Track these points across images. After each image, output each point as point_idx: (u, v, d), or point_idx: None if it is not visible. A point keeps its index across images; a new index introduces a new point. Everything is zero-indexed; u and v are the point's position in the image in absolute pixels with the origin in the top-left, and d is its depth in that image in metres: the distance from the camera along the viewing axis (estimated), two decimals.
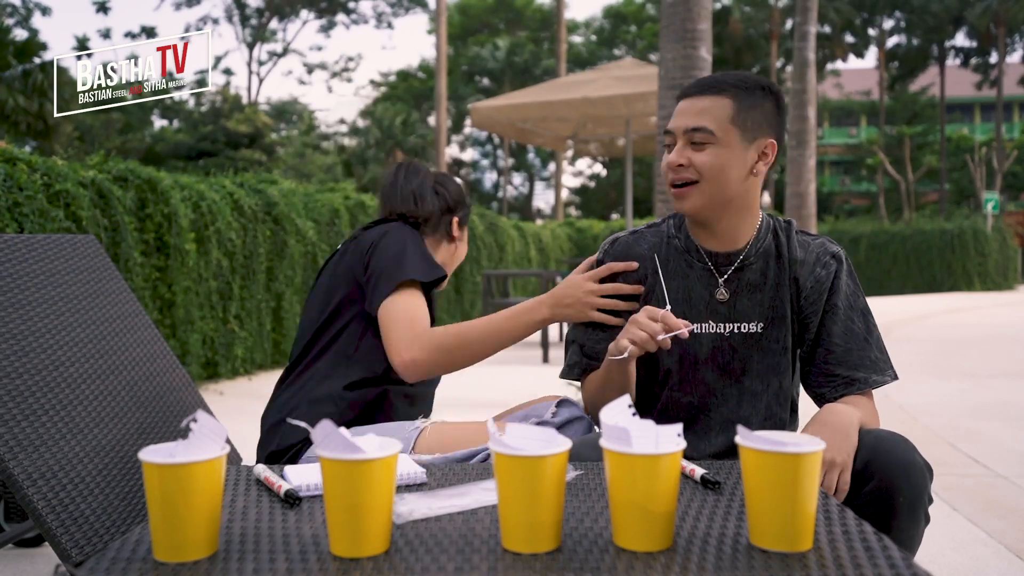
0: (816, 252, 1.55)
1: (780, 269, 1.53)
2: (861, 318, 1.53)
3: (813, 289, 1.53)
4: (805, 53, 9.97)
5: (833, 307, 1.52)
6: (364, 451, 0.90)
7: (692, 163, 1.46)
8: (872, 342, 1.53)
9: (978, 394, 5.37)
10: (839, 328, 1.51)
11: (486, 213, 11.04)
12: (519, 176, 42.06)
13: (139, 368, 2.03)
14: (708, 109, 1.46)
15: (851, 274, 1.56)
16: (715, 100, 1.46)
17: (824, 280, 1.53)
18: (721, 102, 1.46)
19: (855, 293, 1.55)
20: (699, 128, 1.45)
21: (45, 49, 18.27)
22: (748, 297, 1.52)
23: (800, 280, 1.53)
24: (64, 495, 1.58)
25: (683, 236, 1.57)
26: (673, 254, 1.56)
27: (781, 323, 1.52)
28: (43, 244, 1.99)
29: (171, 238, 5.38)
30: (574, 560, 0.88)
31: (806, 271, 1.53)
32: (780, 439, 0.91)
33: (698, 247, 1.54)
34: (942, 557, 2.40)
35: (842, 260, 1.55)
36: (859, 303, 1.55)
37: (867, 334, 1.53)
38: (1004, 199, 29.38)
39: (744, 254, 1.53)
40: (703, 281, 1.53)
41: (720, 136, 1.45)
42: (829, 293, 1.53)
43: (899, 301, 15.39)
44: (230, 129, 27.90)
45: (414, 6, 38.89)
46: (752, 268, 1.53)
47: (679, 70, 4.78)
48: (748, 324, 1.51)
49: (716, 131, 1.45)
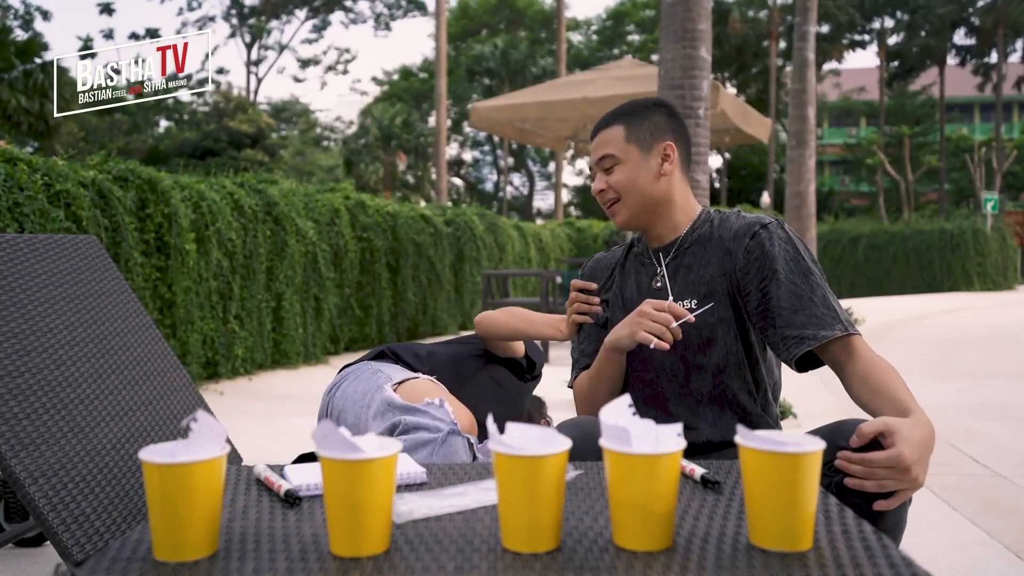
0: (747, 225, 1.66)
1: (711, 248, 1.69)
2: (803, 279, 1.58)
3: (745, 259, 1.63)
4: (805, 53, 9.97)
5: (773, 272, 1.59)
6: (364, 451, 0.90)
7: (609, 185, 1.73)
8: (816, 299, 1.56)
9: (978, 394, 5.37)
10: (784, 292, 1.58)
11: (486, 213, 11.03)
12: (519, 176, 42.08)
13: (139, 368, 2.03)
14: (607, 139, 1.74)
15: (789, 240, 1.63)
16: (610, 131, 1.74)
17: (754, 249, 1.62)
18: (615, 130, 1.73)
19: (795, 257, 1.61)
20: (604, 156, 1.74)
21: (46, 49, 18.26)
22: (683, 278, 1.69)
23: (733, 252, 1.65)
24: (65, 494, 1.58)
25: (642, 244, 1.83)
26: (631, 259, 1.83)
27: (713, 297, 1.64)
28: (44, 244, 1.99)
29: (171, 238, 5.38)
30: (574, 560, 0.88)
31: (736, 243, 1.65)
32: (780, 439, 0.91)
33: (647, 247, 1.79)
34: (942, 557, 2.40)
35: (772, 228, 1.64)
36: (800, 265, 1.60)
37: (811, 293, 1.57)
38: (1004, 199, 29.36)
39: (679, 242, 1.73)
40: (648, 274, 1.76)
41: (621, 156, 1.72)
42: (766, 259, 1.60)
43: (899, 301, 15.39)
44: (233, 129, 27.96)
45: (412, 8, 38.89)
46: (687, 253, 1.71)
47: (679, 70, 4.78)
48: (682, 302, 1.66)
49: (617, 153, 1.72)
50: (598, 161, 1.75)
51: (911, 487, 1.27)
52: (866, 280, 18.84)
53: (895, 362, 1.58)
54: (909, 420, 1.31)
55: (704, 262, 1.67)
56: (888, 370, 1.48)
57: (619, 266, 1.84)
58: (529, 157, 39.38)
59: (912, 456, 1.25)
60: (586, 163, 40.63)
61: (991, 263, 18.92)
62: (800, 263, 1.60)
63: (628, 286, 1.80)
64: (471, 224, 10.01)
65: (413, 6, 38.82)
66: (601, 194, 1.75)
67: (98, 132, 27.23)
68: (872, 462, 1.26)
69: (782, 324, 1.56)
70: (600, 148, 1.74)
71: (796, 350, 1.54)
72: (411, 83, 38.90)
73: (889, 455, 1.25)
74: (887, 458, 1.25)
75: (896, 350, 7.66)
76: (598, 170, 1.76)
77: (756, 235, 1.62)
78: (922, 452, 1.28)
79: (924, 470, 1.28)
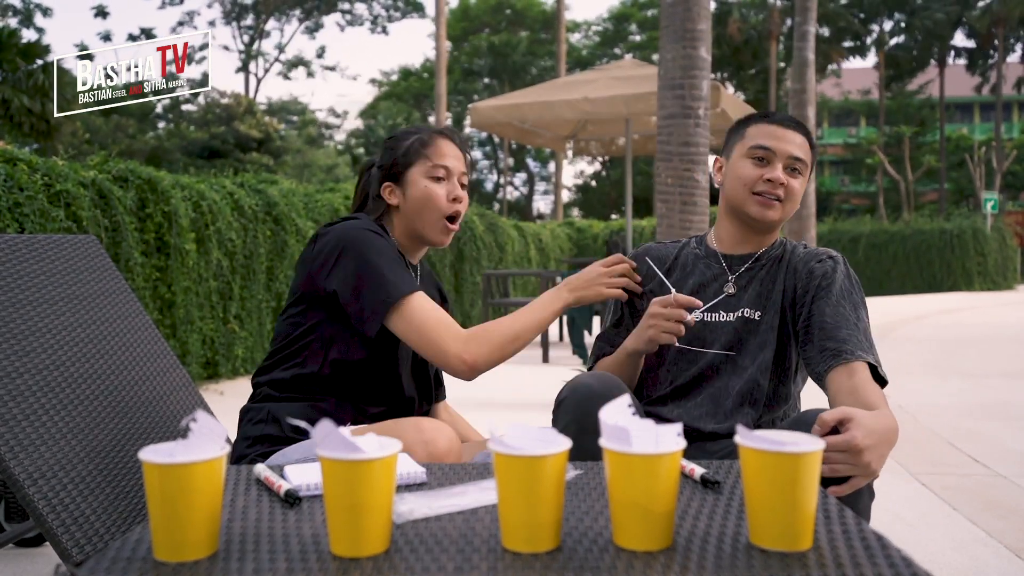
0: (816, 252, 1.76)
1: (782, 266, 1.77)
2: (852, 309, 1.66)
3: (807, 278, 1.71)
4: (805, 53, 9.97)
5: (826, 291, 1.67)
6: (364, 451, 0.90)
7: (787, 185, 1.73)
8: (860, 328, 1.62)
9: (978, 394, 5.37)
10: (830, 309, 1.64)
11: (486, 213, 11.03)
12: (519, 176, 42.07)
13: (139, 368, 2.03)
14: (803, 145, 1.76)
15: (849, 276, 1.71)
16: (804, 139, 1.77)
17: (817, 272, 1.71)
18: (807, 143, 1.77)
19: (851, 290, 1.68)
20: (799, 159, 1.75)
21: (49, 51, 18.26)
22: (754, 290, 1.75)
23: (797, 271, 1.74)
24: (64, 495, 1.58)
25: (703, 247, 1.86)
26: (692, 258, 1.85)
27: (773, 308, 1.73)
28: (44, 244, 1.99)
29: (171, 238, 5.38)
30: (574, 560, 0.88)
31: (803, 264, 1.74)
32: (780, 439, 0.91)
33: (717, 253, 1.82)
34: (942, 557, 2.40)
35: (839, 260, 1.74)
36: (854, 297, 1.68)
37: (856, 320, 1.63)
38: (1003, 199, 29.35)
39: (757, 256, 1.79)
40: (714, 275, 1.79)
41: (807, 168, 1.77)
42: (824, 280, 1.68)
43: (899, 301, 15.39)
44: (240, 132, 28.06)
45: (410, 10, 38.84)
46: (761, 267, 1.78)
47: (679, 70, 4.78)
48: (749, 311, 1.74)
49: (807, 162, 1.77)
50: (792, 158, 1.74)
51: (863, 474, 1.29)
52: (866, 280, 18.81)
53: (895, 362, 1.60)
54: (871, 412, 1.34)
55: (774, 278, 1.76)
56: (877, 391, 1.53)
57: (674, 259, 1.86)
58: (529, 157, 39.38)
59: (866, 442, 1.27)
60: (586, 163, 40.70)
61: (991, 263, 18.91)
62: (853, 296, 1.68)
63: (688, 284, 1.81)
64: (471, 224, 10.01)
65: (411, 8, 38.79)
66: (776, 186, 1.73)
67: (102, 133, 27.27)
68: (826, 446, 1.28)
69: (822, 337, 1.61)
70: (797, 149, 1.75)
71: (830, 362, 1.57)
72: (411, 83, 38.89)
73: (843, 439, 1.27)
74: (841, 442, 1.27)
75: (896, 350, 7.65)
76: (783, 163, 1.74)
77: (823, 261, 1.72)
78: (878, 441, 1.30)
79: (879, 459, 1.30)
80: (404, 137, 1.84)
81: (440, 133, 1.84)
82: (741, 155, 1.78)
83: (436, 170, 1.79)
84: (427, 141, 1.81)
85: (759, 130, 1.78)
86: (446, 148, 1.81)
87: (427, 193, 1.77)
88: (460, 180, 1.82)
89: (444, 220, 1.78)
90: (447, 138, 1.83)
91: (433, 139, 1.82)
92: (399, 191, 1.81)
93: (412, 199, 1.79)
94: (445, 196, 1.78)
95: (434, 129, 1.85)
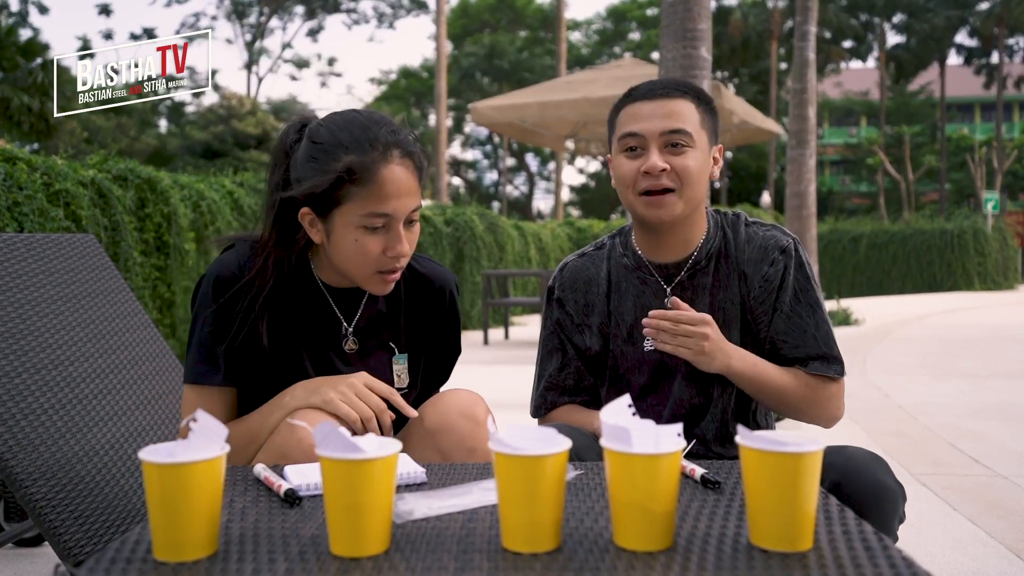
0: (764, 247, 1.51)
1: (728, 268, 1.51)
2: (809, 312, 1.50)
3: (762, 288, 1.50)
4: (805, 53, 9.95)
5: (780, 304, 1.50)
6: (364, 451, 0.90)
7: (673, 168, 1.42)
8: (819, 337, 1.50)
9: (978, 394, 5.37)
10: (782, 324, 1.50)
11: (486, 213, 11.03)
12: (520, 176, 42.07)
13: (139, 367, 2.03)
14: (682, 112, 1.42)
15: (801, 267, 1.52)
16: (682, 103, 1.43)
17: (773, 278, 1.50)
18: (687, 105, 1.44)
19: (804, 288, 1.51)
20: (677, 130, 1.41)
21: (48, 50, 18.27)
22: (700, 300, 1.51)
23: (748, 277, 1.50)
24: (64, 494, 1.58)
25: (631, 253, 1.55)
26: (622, 272, 1.55)
27: (730, 321, 1.51)
28: (43, 243, 1.99)
29: (171, 237, 5.38)
30: (574, 560, 0.88)
31: (753, 268, 1.50)
32: (780, 439, 0.91)
33: (647, 262, 1.53)
34: (942, 557, 2.40)
35: (791, 254, 1.50)
36: (808, 297, 1.51)
37: (815, 329, 1.50)
38: (1004, 199, 29.34)
39: (694, 259, 1.51)
40: (652, 292, 1.53)
41: (696, 139, 1.43)
42: (780, 293, 1.50)
43: (899, 301, 15.39)
44: (239, 130, 28.08)
45: (415, 8, 38.88)
46: (703, 271, 1.52)
47: (679, 70, 4.78)
48: None
49: (693, 133, 1.42)
50: (667, 134, 1.41)
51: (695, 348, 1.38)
52: (866, 280, 18.82)
53: (895, 362, 1.59)
54: None
55: (722, 284, 1.51)
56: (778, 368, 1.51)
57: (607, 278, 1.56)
58: (529, 155, 39.38)
59: (714, 332, 1.38)
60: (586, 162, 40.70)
61: (991, 263, 18.91)
62: (809, 293, 1.51)
63: (626, 308, 1.53)
64: (471, 224, 10.01)
65: (415, 5, 38.82)
66: (657, 175, 1.41)
67: (103, 133, 27.27)
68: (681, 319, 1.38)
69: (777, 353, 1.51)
70: (671, 120, 1.41)
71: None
72: (411, 83, 38.89)
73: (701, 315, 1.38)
74: (699, 317, 1.38)
75: (896, 350, 7.65)
76: (658, 144, 1.42)
77: (774, 262, 1.49)
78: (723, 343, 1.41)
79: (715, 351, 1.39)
80: (336, 151, 1.32)
81: (389, 154, 1.33)
82: (617, 151, 1.48)
83: (373, 220, 1.33)
84: (369, 171, 1.31)
85: (624, 114, 1.47)
86: (392, 185, 1.32)
87: (357, 248, 1.35)
88: (409, 217, 1.36)
89: (377, 274, 1.38)
90: (399, 163, 1.34)
91: (377, 169, 1.32)
92: (321, 226, 1.38)
93: (336, 246, 1.37)
94: (381, 251, 1.35)
95: (384, 143, 1.33)
